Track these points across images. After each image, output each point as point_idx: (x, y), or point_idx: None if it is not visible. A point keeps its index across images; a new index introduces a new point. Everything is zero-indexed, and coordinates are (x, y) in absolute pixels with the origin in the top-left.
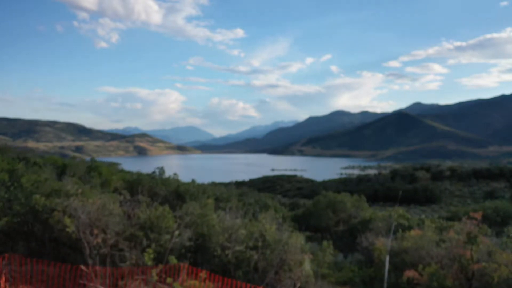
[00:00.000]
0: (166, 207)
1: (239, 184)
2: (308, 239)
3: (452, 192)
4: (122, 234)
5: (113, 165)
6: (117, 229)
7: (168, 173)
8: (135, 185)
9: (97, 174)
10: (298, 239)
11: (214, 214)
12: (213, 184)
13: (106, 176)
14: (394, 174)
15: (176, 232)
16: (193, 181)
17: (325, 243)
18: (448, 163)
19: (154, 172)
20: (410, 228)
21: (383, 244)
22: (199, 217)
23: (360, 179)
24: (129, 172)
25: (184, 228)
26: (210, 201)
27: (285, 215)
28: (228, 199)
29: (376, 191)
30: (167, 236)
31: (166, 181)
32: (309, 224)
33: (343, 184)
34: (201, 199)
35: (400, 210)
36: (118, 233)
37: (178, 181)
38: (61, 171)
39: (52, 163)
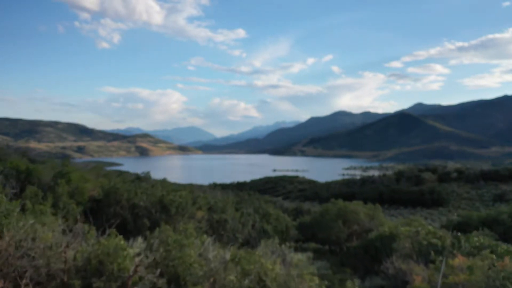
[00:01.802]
0: (121, 238)
1: (240, 185)
2: (315, 253)
3: (460, 195)
4: (47, 284)
5: (97, 167)
6: (41, 277)
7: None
8: (112, 194)
9: (63, 182)
10: (313, 280)
11: (194, 243)
12: (213, 186)
13: (77, 183)
14: (399, 175)
15: (135, 276)
16: (184, 187)
17: (349, 283)
18: (451, 164)
19: (138, 177)
20: (443, 249)
21: (423, 278)
22: (174, 246)
23: (364, 181)
24: (124, 174)
25: (149, 268)
26: (199, 212)
27: (289, 225)
28: (224, 209)
29: (381, 193)
30: (124, 279)
31: (149, 189)
32: (315, 235)
33: (347, 186)
34: (190, 211)
35: (429, 227)
36: (40, 283)
37: (171, 184)
38: (24, 177)
39: (13, 167)
